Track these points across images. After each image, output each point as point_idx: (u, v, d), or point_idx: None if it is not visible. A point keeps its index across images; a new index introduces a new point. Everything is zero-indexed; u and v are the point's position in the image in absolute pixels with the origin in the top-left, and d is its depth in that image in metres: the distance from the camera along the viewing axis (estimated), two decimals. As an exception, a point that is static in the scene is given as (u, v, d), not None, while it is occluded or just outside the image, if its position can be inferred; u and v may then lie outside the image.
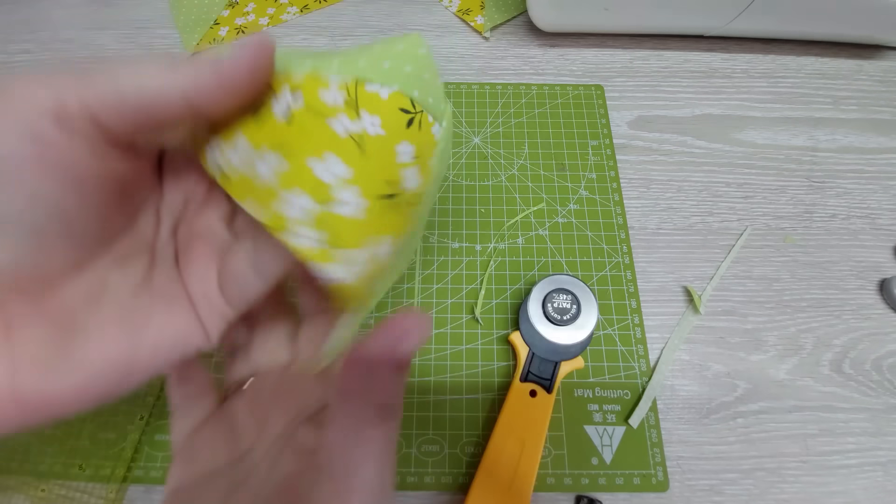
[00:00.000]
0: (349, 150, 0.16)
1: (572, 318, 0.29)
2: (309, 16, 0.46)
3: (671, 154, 0.38)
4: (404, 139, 0.17)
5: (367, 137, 0.16)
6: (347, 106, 0.16)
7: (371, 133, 0.16)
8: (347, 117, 0.16)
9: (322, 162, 0.16)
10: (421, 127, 0.17)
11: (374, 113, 0.16)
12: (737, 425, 0.29)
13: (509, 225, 0.35)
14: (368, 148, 0.16)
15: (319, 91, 0.16)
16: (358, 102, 0.16)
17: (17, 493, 0.27)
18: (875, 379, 0.31)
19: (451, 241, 0.34)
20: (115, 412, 0.29)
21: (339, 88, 0.16)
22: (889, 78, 0.42)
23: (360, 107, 0.16)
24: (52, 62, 0.43)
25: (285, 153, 0.16)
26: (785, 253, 0.34)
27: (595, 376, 0.30)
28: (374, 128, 0.16)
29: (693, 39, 0.44)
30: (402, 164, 0.17)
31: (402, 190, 0.17)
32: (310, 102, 0.16)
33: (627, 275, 0.33)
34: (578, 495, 0.27)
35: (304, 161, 0.16)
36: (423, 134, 0.17)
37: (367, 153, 0.16)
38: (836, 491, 0.28)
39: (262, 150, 0.16)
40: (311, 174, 0.16)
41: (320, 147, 0.16)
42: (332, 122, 0.16)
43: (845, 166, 0.38)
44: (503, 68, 0.42)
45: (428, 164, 0.18)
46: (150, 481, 0.28)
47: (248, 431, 0.20)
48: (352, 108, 0.16)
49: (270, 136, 0.16)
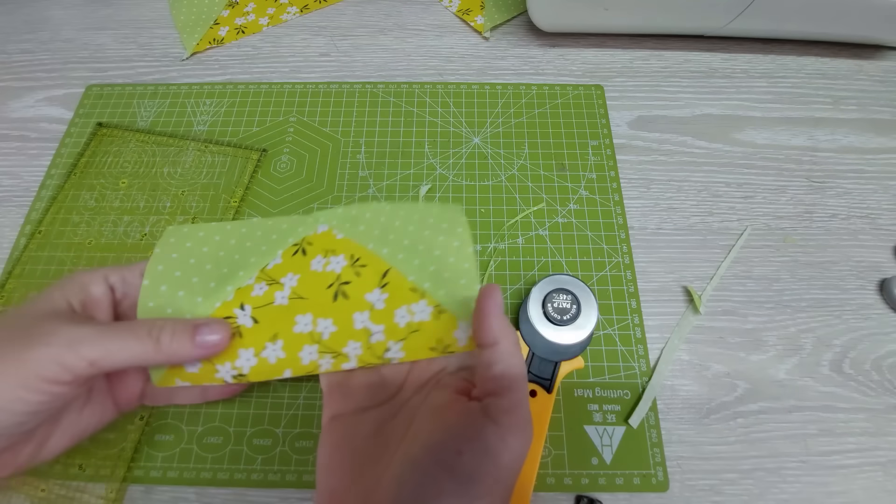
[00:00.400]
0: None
1: (572, 318, 0.29)
2: (309, 16, 0.46)
3: (671, 154, 0.38)
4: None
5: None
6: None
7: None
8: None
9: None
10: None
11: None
12: (737, 425, 0.29)
13: (509, 225, 0.35)
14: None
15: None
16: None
17: (17, 493, 0.27)
18: (875, 379, 0.31)
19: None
20: (115, 412, 0.29)
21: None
22: (889, 78, 0.42)
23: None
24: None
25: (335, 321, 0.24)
26: (785, 253, 0.34)
27: (595, 376, 0.30)
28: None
29: (693, 39, 0.44)
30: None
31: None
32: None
33: (627, 275, 0.33)
34: (578, 495, 0.27)
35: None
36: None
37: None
38: (836, 491, 0.28)
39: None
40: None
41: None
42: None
43: (845, 166, 0.38)
44: (503, 68, 0.42)
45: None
46: (150, 481, 0.28)
47: (395, 381, 0.24)
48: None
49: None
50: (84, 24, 0.45)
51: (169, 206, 0.36)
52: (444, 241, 0.25)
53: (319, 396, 0.30)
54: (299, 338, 0.24)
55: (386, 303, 0.24)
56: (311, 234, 0.26)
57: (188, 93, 0.41)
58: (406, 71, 0.42)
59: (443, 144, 0.38)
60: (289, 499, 0.28)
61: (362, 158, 0.38)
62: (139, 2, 0.47)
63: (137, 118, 0.39)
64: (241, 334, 0.24)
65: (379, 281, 0.24)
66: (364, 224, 0.26)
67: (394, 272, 0.24)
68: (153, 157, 0.38)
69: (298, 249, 0.26)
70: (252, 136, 0.39)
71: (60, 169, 0.37)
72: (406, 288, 0.24)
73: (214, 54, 0.43)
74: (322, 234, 0.26)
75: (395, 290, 0.24)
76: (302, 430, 0.29)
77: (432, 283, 0.24)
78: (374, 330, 0.24)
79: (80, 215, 0.35)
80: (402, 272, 0.24)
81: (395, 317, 0.24)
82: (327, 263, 0.25)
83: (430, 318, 0.23)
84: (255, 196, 0.36)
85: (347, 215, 0.27)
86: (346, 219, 0.26)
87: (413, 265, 0.24)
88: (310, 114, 0.40)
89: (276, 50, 0.44)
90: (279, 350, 0.24)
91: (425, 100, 0.40)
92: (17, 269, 0.33)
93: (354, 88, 0.41)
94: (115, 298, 0.25)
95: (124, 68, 0.42)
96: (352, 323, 0.24)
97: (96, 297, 0.24)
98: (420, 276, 0.24)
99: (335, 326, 0.24)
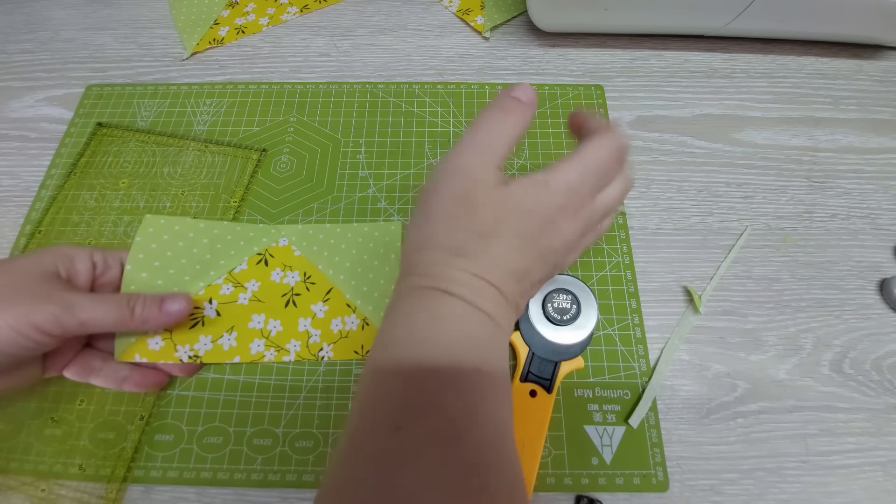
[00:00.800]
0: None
1: (572, 318, 0.29)
2: (309, 16, 0.46)
3: (671, 154, 0.38)
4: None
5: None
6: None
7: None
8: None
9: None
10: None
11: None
12: (737, 425, 0.29)
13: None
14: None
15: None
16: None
17: (18, 493, 0.27)
18: (875, 379, 0.31)
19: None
20: (115, 412, 0.29)
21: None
22: (889, 78, 0.42)
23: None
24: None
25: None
26: (785, 253, 0.34)
27: (595, 376, 0.30)
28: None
29: (693, 39, 0.44)
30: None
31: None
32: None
33: (627, 275, 0.33)
34: (578, 495, 0.27)
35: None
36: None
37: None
38: (836, 491, 0.28)
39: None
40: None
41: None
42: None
43: (845, 166, 0.38)
44: (503, 68, 0.42)
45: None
46: (150, 481, 0.28)
47: None
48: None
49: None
50: (84, 24, 0.45)
51: (169, 206, 0.36)
52: (377, 265, 0.32)
53: (319, 396, 0.30)
54: (252, 332, 0.30)
55: (325, 314, 0.31)
56: (273, 247, 0.33)
57: (188, 93, 0.41)
58: (406, 71, 0.42)
59: (443, 144, 0.38)
60: (289, 499, 0.28)
61: (362, 158, 0.38)
62: (139, 2, 0.47)
63: (137, 118, 0.39)
64: (203, 323, 0.30)
65: (323, 297, 0.31)
66: (317, 244, 0.33)
67: (335, 291, 0.31)
68: (153, 157, 0.38)
69: (262, 259, 0.32)
70: (252, 136, 0.39)
71: (60, 169, 0.37)
72: (343, 303, 0.31)
73: (214, 54, 0.43)
74: (283, 248, 0.33)
75: (334, 305, 0.31)
76: (302, 430, 0.29)
77: (363, 301, 0.31)
78: (313, 333, 0.31)
79: (80, 215, 0.35)
80: (342, 290, 0.31)
81: (331, 325, 0.31)
82: (284, 276, 0.32)
83: (357, 328, 0.31)
84: (255, 196, 0.36)
85: (305, 233, 0.33)
86: (303, 236, 0.33)
87: (350, 285, 0.32)
88: (310, 114, 0.40)
89: (276, 50, 0.44)
90: (233, 340, 0.30)
91: (425, 100, 0.40)
92: (17, 269, 0.33)
93: (354, 88, 0.41)
94: (94, 274, 0.28)
95: (124, 68, 0.42)
96: (297, 326, 0.31)
97: (80, 270, 0.28)
98: (354, 294, 0.31)
99: (282, 327, 0.30)
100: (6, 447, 0.28)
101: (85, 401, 0.30)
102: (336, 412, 0.29)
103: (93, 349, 0.29)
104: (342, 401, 0.30)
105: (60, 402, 0.29)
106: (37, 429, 0.29)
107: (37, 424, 0.29)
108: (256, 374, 0.30)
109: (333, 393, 0.30)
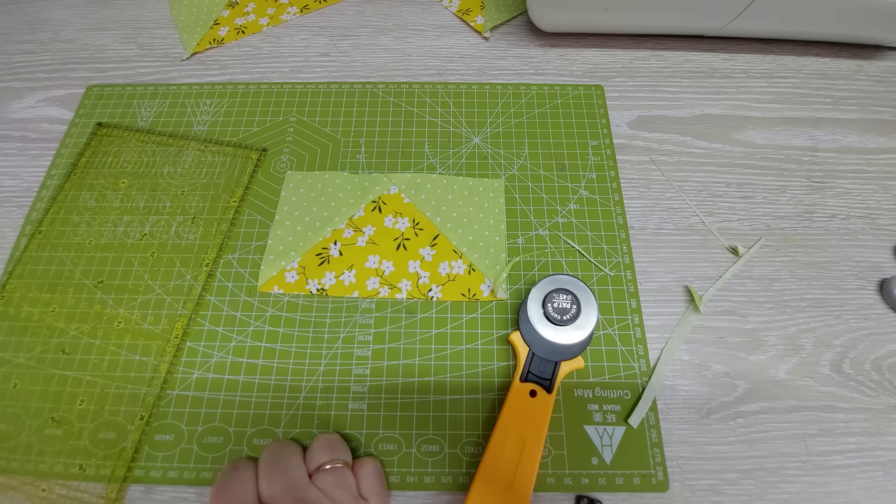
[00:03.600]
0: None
1: (572, 318, 0.29)
2: (309, 16, 0.46)
3: (671, 154, 0.38)
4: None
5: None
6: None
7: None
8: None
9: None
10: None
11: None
12: (737, 425, 0.29)
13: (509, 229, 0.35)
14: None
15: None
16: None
17: (18, 492, 0.27)
18: (875, 379, 0.31)
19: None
20: (115, 412, 0.29)
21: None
22: (889, 78, 0.42)
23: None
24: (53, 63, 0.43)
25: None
26: (785, 253, 0.34)
27: (595, 376, 0.30)
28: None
29: (693, 39, 0.44)
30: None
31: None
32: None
33: (627, 275, 0.33)
34: (578, 495, 0.27)
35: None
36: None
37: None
38: (836, 491, 0.28)
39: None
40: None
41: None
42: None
43: (845, 166, 0.38)
44: (503, 68, 0.42)
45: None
46: (150, 481, 0.28)
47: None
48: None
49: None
50: (84, 24, 0.45)
51: (169, 206, 0.36)
52: (482, 218, 0.35)
53: (319, 396, 0.30)
54: (368, 271, 0.34)
55: (433, 257, 0.34)
56: (386, 194, 0.36)
57: (188, 93, 0.41)
58: (406, 71, 0.42)
59: (443, 144, 0.38)
60: (289, 499, 0.28)
61: (362, 158, 0.38)
62: (139, 2, 0.47)
63: (137, 118, 0.39)
64: (329, 262, 0.34)
65: (430, 242, 0.34)
66: (424, 193, 0.36)
67: (441, 237, 0.35)
68: (153, 157, 0.38)
69: (376, 206, 0.36)
70: (252, 136, 0.39)
71: (61, 169, 0.37)
72: (449, 249, 0.34)
73: (214, 54, 0.43)
74: (394, 196, 0.36)
75: (441, 250, 0.34)
76: (302, 430, 0.29)
77: (469, 248, 0.34)
78: (423, 275, 0.33)
79: (80, 215, 0.35)
80: (448, 238, 0.34)
81: (439, 268, 0.34)
82: (396, 223, 0.35)
83: (464, 273, 0.33)
84: (255, 196, 0.36)
85: (413, 182, 0.37)
86: (412, 185, 0.36)
87: (457, 234, 0.35)
88: (310, 114, 0.40)
89: (276, 50, 0.44)
90: (352, 277, 0.33)
91: (425, 100, 0.40)
92: (18, 270, 0.33)
93: (354, 88, 0.41)
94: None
95: (124, 68, 0.43)
96: (407, 267, 0.34)
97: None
98: (460, 242, 0.34)
99: (394, 267, 0.34)
100: (6, 447, 0.28)
101: (85, 401, 0.30)
102: (336, 412, 0.30)
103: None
104: (342, 401, 0.30)
105: (60, 402, 0.30)
106: (37, 429, 0.29)
107: (37, 424, 0.29)
108: (256, 374, 0.30)
109: (333, 393, 0.30)
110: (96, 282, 0.33)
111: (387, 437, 0.29)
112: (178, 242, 0.34)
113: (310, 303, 0.33)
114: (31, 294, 0.33)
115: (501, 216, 0.35)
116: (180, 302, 0.32)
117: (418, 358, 0.31)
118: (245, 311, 0.32)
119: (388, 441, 0.29)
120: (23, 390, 0.30)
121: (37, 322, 0.32)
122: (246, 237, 0.35)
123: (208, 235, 0.35)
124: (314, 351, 0.31)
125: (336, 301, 0.33)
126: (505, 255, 0.33)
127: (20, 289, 0.33)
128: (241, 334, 0.32)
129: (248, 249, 0.34)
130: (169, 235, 0.35)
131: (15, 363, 0.31)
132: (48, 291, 0.33)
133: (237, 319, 0.32)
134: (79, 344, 0.31)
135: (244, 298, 0.33)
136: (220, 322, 0.32)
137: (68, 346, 0.31)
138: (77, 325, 0.32)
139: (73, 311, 0.32)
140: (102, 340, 0.31)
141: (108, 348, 0.31)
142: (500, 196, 0.36)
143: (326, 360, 0.31)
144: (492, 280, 0.33)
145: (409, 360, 0.31)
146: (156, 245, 0.34)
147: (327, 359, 0.31)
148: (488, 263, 0.33)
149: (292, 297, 0.33)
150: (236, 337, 0.31)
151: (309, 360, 0.31)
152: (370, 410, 0.30)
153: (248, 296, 0.33)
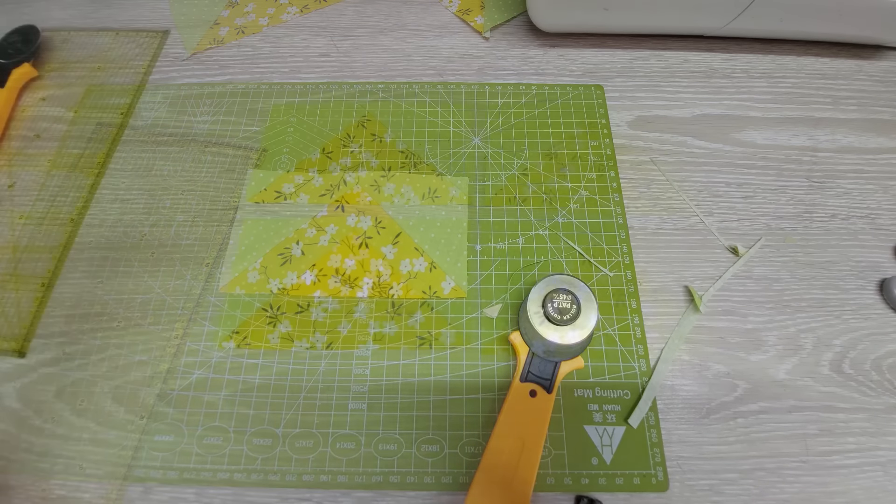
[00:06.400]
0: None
1: (572, 318, 0.29)
2: (309, 16, 0.46)
3: (671, 154, 0.38)
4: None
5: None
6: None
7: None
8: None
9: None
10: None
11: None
12: (737, 425, 0.29)
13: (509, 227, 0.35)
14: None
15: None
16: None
17: (18, 493, 0.27)
18: (875, 379, 0.31)
19: (451, 241, 0.35)
20: (115, 412, 0.29)
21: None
22: (889, 78, 0.42)
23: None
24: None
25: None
26: (785, 253, 0.34)
27: (595, 376, 0.30)
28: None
29: (693, 39, 0.44)
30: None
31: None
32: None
33: (627, 275, 0.33)
34: (578, 495, 0.27)
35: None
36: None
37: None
38: (836, 491, 0.28)
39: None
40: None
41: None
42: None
43: (845, 166, 0.38)
44: (503, 68, 0.42)
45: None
46: (150, 481, 0.28)
47: None
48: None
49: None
50: (84, 24, 0.45)
51: (169, 206, 0.36)
52: (444, 214, 0.35)
53: (319, 396, 0.30)
54: (329, 270, 0.34)
55: (395, 255, 0.34)
56: (349, 194, 0.36)
57: (188, 93, 0.41)
58: (406, 71, 0.42)
59: (443, 144, 0.38)
60: (289, 499, 0.28)
61: (363, 158, 0.38)
62: (139, 2, 0.47)
63: (137, 118, 0.39)
64: (290, 261, 0.34)
65: (392, 240, 0.34)
66: (388, 190, 0.36)
67: (403, 235, 0.35)
68: (153, 156, 0.38)
69: (339, 206, 0.36)
70: (252, 136, 0.39)
71: (61, 169, 0.37)
72: (411, 247, 0.34)
73: (214, 54, 0.43)
74: (356, 194, 0.36)
75: (403, 248, 0.34)
76: (302, 430, 0.29)
77: (430, 246, 0.34)
78: (384, 273, 0.33)
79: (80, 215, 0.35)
80: (410, 236, 0.35)
81: (400, 265, 0.34)
82: (358, 221, 0.35)
83: (425, 270, 0.34)
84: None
85: (374, 181, 0.37)
86: (373, 184, 0.36)
87: (418, 231, 0.35)
88: (310, 114, 0.40)
89: (276, 50, 0.44)
90: (314, 276, 0.33)
91: (425, 100, 0.40)
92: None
93: (354, 88, 0.41)
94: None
95: (124, 68, 0.42)
96: (369, 265, 0.34)
97: None
98: (421, 240, 0.34)
99: (356, 266, 0.34)
100: (6, 447, 0.28)
101: (85, 401, 0.30)
102: (336, 412, 0.30)
103: None
104: (342, 401, 0.30)
105: (61, 403, 0.30)
106: (37, 429, 0.29)
107: (37, 424, 0.29)
108: (256, 374, 0.30)
109: (333, 393, 0.30)
110: (96, 281, 0.33)
111: (387, 437, 0.29)
112: (178, 242, 0.34)
113: (310, 303, 0.33)
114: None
115: (464, 213, 0.35)
116: (180, 302, 0.32)
117: (418, 358, 0.31)
118: (245, 310, 0.32)
119: (388, 441, 0.29)
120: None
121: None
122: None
123: (208, 235, 0.35)
124: (314, 351, 0.31)
125: (336, 301, 0.33)
126: (465, 254, 0.34)
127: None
128: (242, 334, 0.32)
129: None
130: (169, 235, 0.35)
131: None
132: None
133: (237, 319, 0.32)
134: (79, 344, 0.31)
135: (244, 298, 0.33)
136: (220, 322, 0.32)
137: (68, 345, 0.31)
138: (77, 324, 0.32)
139: (73, 311, 0.32)
140: (102, 340, 0.31)
141: (108, 348, 0.31)
142: (464, 193, 0.36)
143: (326, 360, 0.31)
144: (452, 278, 0.33)
145: (409, 360, 0.31)
146: (156, 245, 0.34)
147: (327, 359, 0.31)
148: (449, 261, 0.34)
149: (292, 297, 0.33)
150: (236, 337, 0.31)
151: (309, 361, 0.31)
152: (370, 410, 0.30)
153: (249, 295, 0.33)
